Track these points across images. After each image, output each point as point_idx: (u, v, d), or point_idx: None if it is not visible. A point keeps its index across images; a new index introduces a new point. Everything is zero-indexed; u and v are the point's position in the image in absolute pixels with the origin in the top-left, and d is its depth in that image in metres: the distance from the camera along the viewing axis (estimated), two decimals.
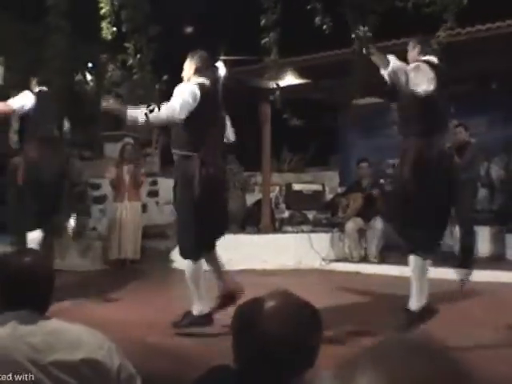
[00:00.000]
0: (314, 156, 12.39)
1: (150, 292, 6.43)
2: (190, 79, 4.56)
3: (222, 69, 10.58)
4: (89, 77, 11.34)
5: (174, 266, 7.88)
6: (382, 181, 8.45)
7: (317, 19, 3.93)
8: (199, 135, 4.40)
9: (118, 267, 8.35)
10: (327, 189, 10.10)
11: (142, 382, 1.87)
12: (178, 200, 4.53)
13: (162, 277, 7.48)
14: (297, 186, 9.40)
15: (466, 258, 7.25)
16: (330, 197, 9.99)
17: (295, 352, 1.41)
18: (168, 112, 4.23)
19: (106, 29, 3.66)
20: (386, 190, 8.29)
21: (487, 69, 7.97)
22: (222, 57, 10.72)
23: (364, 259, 8.14)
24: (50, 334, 1.76)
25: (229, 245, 4.64)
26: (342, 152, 11.36)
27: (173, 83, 4.24)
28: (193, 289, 4.44)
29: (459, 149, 6.70)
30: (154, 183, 10.54)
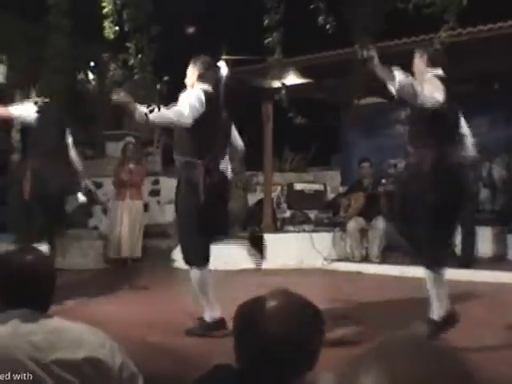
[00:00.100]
0: (315, 156, 12.39)
1: (152, 291, 6.43)
2: (193, 85, 4.49)
3: (223, 68, 10.57)
4: (91, 76, 11.36)
5: (176, 265, 7.89)
6: (383, 180, 8.44)
7: (320, 19, 3.94)
8: (204, 142, 4.34)
9: (120, 266, 8.36)
10: (329, 188, 10.10)
11: (144, 380, 1.88)
12: (181, 208, 4.46)
13: (164, 276, 7.49)
14: (298, 186, 9.40)
15: (467, 258, 7.25)
16: (331, 196, 9.99)
17: (297, 351, 1.41)
18: (176, 115, 4.16)
19: (109, 28, 3.66)
20: (387, 190, 8.29)
21: (489, 69, 7.96)
22: (224, 56, 10.73)
23: (365, 259, 8.13)
24: (52, 332, 1.76)
25: (230, 244, 4.63)
26: (343, 152, 11.36)
27: (174, 84, 4.23)
28: (201, 296, 4.41)
29: None
30: (155, 182, 10.55)
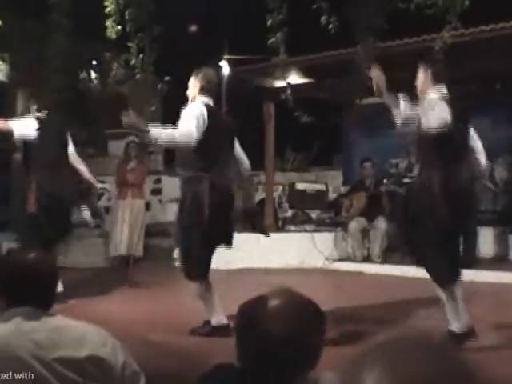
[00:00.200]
0: (317, 155, 12.39)
1: (153, 290, 6.43)
2: (195, 98, 4.44)
3: (225, 68, 10.53)
4: (93, 74, 11.36)
5: (177, 264, 7.89)
6: (385, 181, 8.44)
7: (322, 19, 3.95)
8: (208, 156, 4.30)
9: (121, 265, 8.37)
10: (330, 188, 10.09)
11: (146, 379, 1.88)
12: (185, 223, 4.40)
13: (165, 274, 7.49)
14: (300, 186, 9.40)
15: (469, 259, 7.23)
16: (333, 196, 9.98)
17: (299, 350, 1.41)
18: (185, 138, 4.11)
19: (111, 27, 3.67)
20: (389, 190, 8.29)
21: (491, 69, 7.95)
22: (226, 56, 10.70)
23: (367, 259, 8.13)
24: (54, 330, 1.77)
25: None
26: (345, 151, 11.35)
27: (175, 84, 4.23)
28: (206, 306, 4.41)
29: None
30: (157, 181, 10.55)
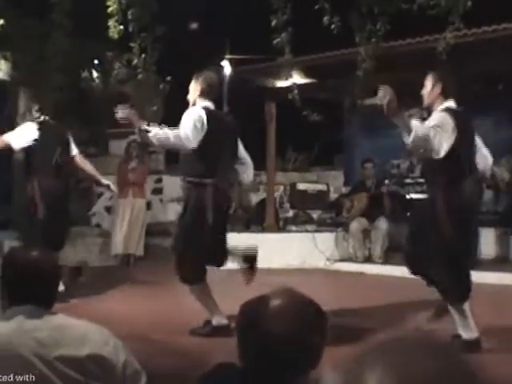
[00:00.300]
0: (318, 155, 12.38)
1: (154, 289, 6.44)
2: (195, 102, 4.44)
3: (227, 68, 10.52)
4: (95, 74, 11.36)
5: None
6: (386, 181, 8.44)
7: (325, 19, 3.95)
8: (209, 161, 4.31)
9: (122, 264, 8.38)
10: (332, 188, 10.09)
11: (147, 378, 1.88)
12: (186, 227, 4.42)
13: (166, 274, 7.48)
14: (301, 186, 9.40)
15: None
16: (334, 196, 9.98)
17: (300, 350, 1.41)
18: (181, 142, 4.13)
19: (114, 27, 3.67)
20: (390, 191, 8.29)
21: (493, 70, 7.95)
22: (228, 56, 10.70)
23: (368, 259, 8.13)
24: (56, 329, 1.77)
25: (233, 243, 4.63)
26: (346, 152, 11.34)
27: (177, 84, 4.22)
28: (206, 307, 4.42)
29: None
30: (158, 181, 10.55)
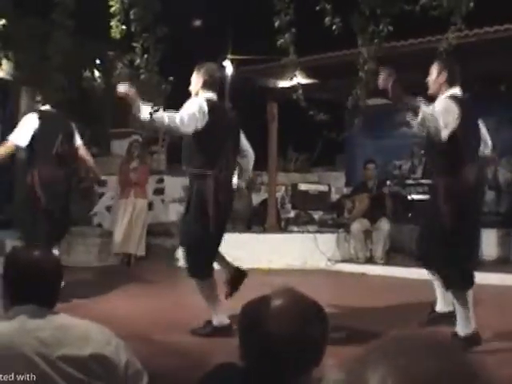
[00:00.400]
0: (320, 155, 12.37)
1: (156, 289, 6.44)
2: (197, 93, 4.44)
3: (229, 68, 10.52)
4: (96, 73, 11.35)
5: (180, 264, 7.91)
6: (388, 182, 8.43)
7: (326, 20, 3.95)
8: (213, 153, 4.31)
9: (123, 264, 8.38)
10: (333, 189, 10.09)
11: (149, 378, 1.88)
12: (192, 220, 4.39)
13: (168, 274, 7.50)
14: (303, 186, 9.40)
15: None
16: (335, 197, 9.98)
17: (302, 349, 1.41)
18: (175, 124, 4.12)
19: (116, 27, 3.67)
20: (392, 191, 8.29)
21: (495, 70, 7.95)
22: (230, 56, 10.71)
23: (370, 260, 8.13)
24: (59, 328, 1.77)
25: (234, 244, 4.64)
26: (348, 152, 11.34)
27: (179, 84, 4.22)
28: (210, 305, 4.39)
29: None
30: (160, 181, 10.55)
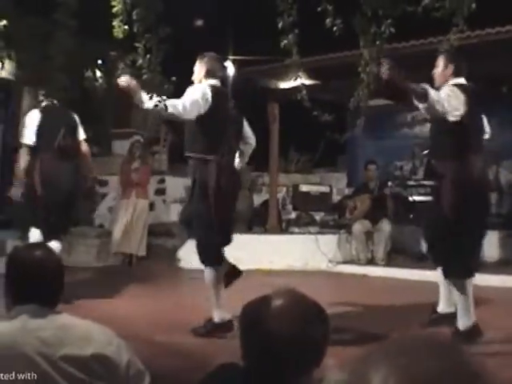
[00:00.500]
0: (321, 157, 12.37)
1: (157, 290, 6.44)
2: (201, 81, 4.45)
3: (230, 68, 10.54)
4: (98, 73, 11.36)
5: (181, 264, 7.92)
6: (389, 183, 8.43)
7: (327, 21, 3.95)
8: (215, 138, 4.32)
9: (125, 264, 8.38)
10: (334, 190, 10.09)
11: (150, 378, 1.88)
12: (196, 206, 4.40)
13: (169, 275, 7.50)
14: (304, 187, 9.40)
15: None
16: (337, 198, 9.98)
17: (302, 350, 1.41)
18: (177, 108, 4.12)
19: (118, 27, 3.66)
20: (393, 192, 8.28)
21: (497, 72, 7.94)
22: (231, 56, 10.71)
23: (371, 261, 8.12)
24: (60, 328, 1.77)
25: (235, 245, 4.63)
26: (349, 153, 11.34)
27: (181, 85, 4.22)
28: (213, 296, 4.38)
29: None
30: (161, 181, 10.56)
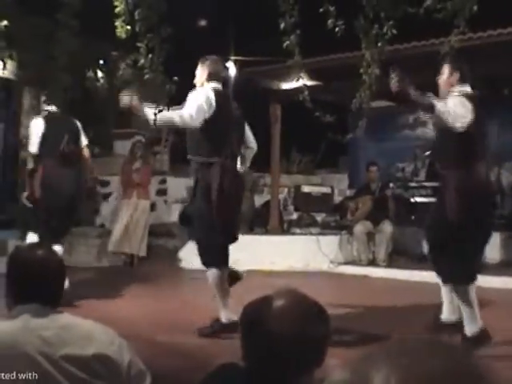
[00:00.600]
0: (323, 158, 12.36)
1: (158, 290, 6.45)
2: (203, 85, 4.46)
3: (232, 69, 10.56)
4: (100, 74, 11.37)
5: (182, 264, 7.92)
6: (391, 184, 8.43)
7: (329, 22, 3.95)
8: (218, 142, 4.33)
9: (126, 264, 8.39)
10: (336, 191, 10.09)
11: (151, 378, 1.88)
12: (197, 208, 4.41)
13: (170, 275, 7.51)
14: (306, 188, 9.39)
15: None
16: (338, 199, 9.98)
17: (304, 350, 1.41)
18: (183, 119, 4.16)
19: (121, 27, 3.67)
20: (395, 194, 8.28)
21: (498, 74, 7.94)
22: (233, 57, 10.72)
23: (372, 263, 8.12)
24: (62, 328, 1.77)
25: (236, 245, 4.64)
26: (351, 154, 11.34)
27: (183, 84, 4.23)
28: (219, 296, 4.38)
29: None
30: (162, 182, 10.56)
